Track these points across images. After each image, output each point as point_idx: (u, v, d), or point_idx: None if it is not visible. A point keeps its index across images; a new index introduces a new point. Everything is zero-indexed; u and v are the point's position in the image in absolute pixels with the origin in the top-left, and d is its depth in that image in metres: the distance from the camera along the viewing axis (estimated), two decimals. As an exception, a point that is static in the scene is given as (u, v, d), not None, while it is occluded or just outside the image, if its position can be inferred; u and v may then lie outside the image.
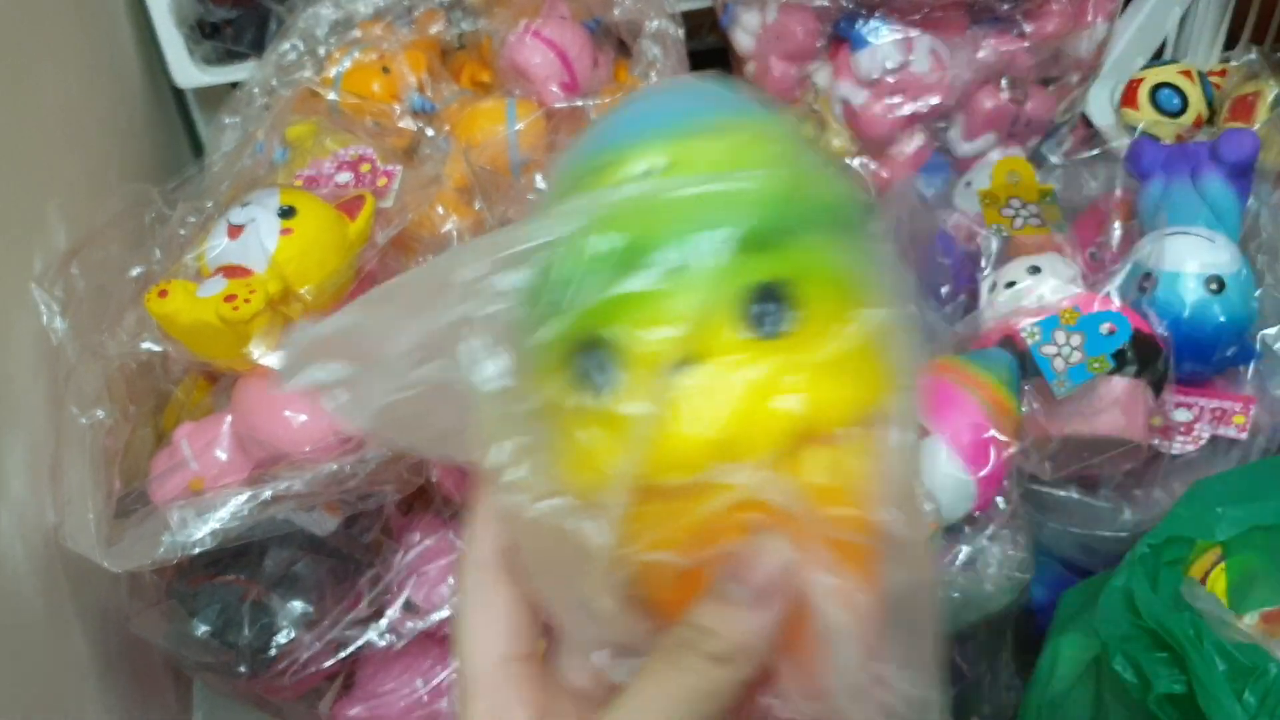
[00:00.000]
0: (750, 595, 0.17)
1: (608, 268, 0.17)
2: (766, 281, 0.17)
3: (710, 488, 0.17)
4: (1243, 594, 0.34)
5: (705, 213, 0.17)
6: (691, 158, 0.18)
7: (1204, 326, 0.41)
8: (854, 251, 0.19)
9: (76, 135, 0.49)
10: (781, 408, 0.17)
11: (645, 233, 0.17)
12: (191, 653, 0.39)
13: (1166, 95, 0.57)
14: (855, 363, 0.18)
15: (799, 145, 0.19)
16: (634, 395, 0.17)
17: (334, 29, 0.55)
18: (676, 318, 0.17)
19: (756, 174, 0.18)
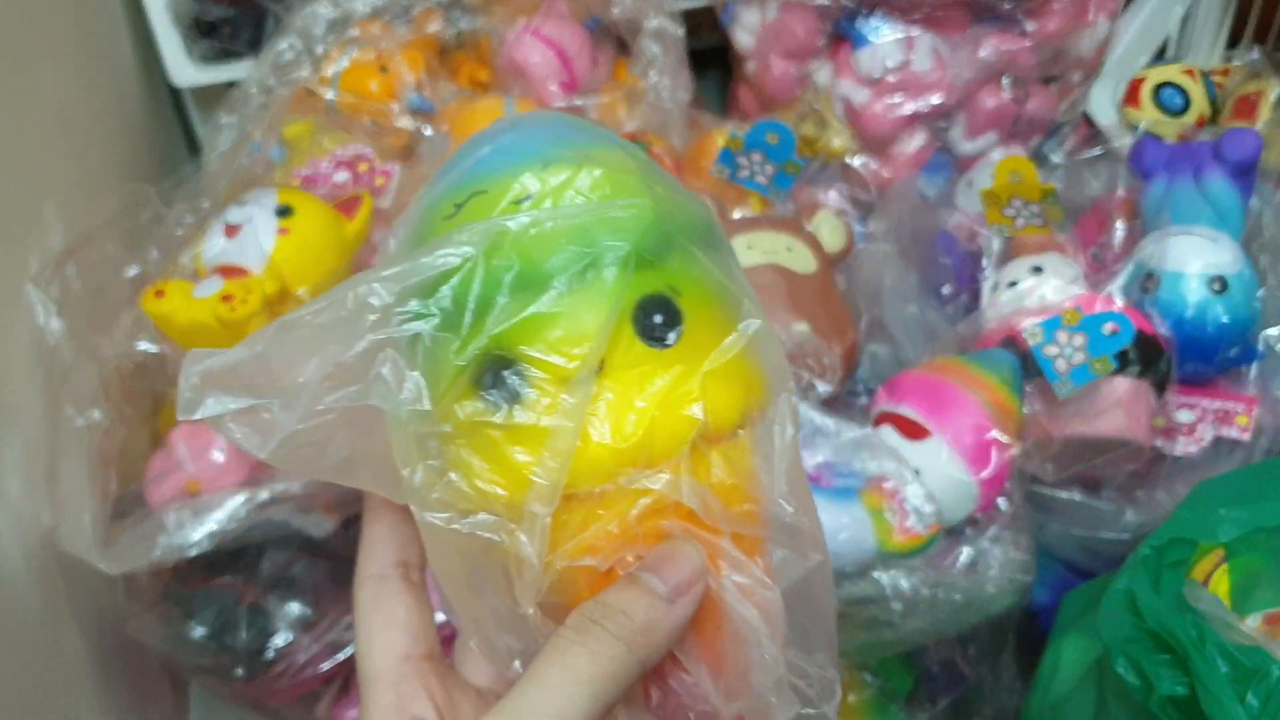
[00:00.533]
0: (665, 589, 0.19)
1: (510, 291, 0.19)
2: (654, 295, 0.19)
3: (626, 493, 0.19)
4: (1245, 596, 0.34)
5: (592, 236, 0.19)
6: (561, 184, 0.20)
7: (1207, 327, 0.41)
8: (717, 265, 0.20)
9: (73, 134, 0.49)
10: (686, 414, 0.19)
11: (539, 256, 0.19)
12: (188, 655, 0.39)
13: (1169, 94, 0.57)
14: (739, 368, 0.19)
15: (653, 170, 0.21)
16: (548, 409, 0.18)
17: (331, 28, 0.55)
18: (579, 334, 0.18)
19: (634, 200, 0.19)
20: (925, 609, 0.36)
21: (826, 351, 0.41)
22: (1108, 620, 0.32)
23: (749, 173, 0.48)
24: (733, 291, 0.20)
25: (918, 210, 0.51)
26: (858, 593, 0.36)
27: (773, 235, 0.45)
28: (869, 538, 0.35)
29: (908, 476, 0.36)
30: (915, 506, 0.36)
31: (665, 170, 0.22)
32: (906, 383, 0.40)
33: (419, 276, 0.19)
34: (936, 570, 0.37)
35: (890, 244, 0.49)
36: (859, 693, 0.41)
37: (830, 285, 0.45)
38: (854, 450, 0.37)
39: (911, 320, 0.46)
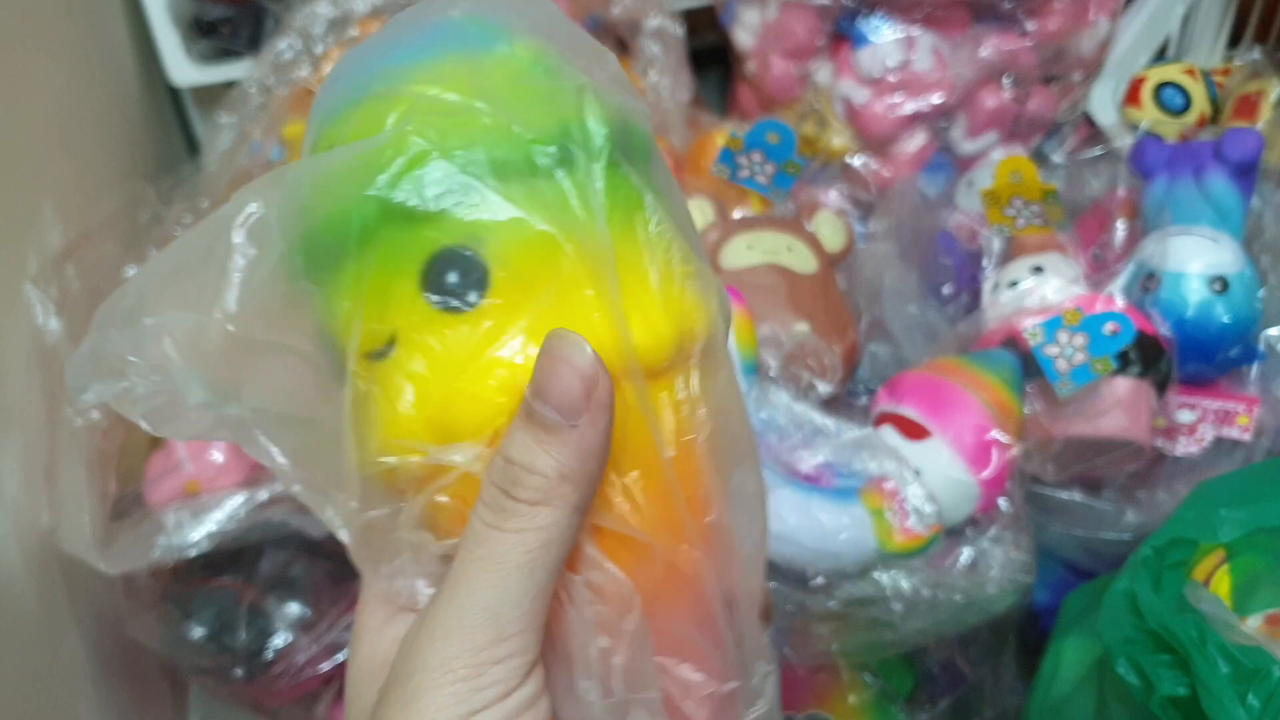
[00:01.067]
0: (560, 418, 0.16)
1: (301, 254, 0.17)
2: (448, 247, 0.17)
3: (434, 469, 0.17)
4: (1246, 596, 0.34)
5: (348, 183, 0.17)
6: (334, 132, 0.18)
7: (1208, 327, 0.41)
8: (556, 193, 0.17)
9: (71, 134, 0.49)
10: (494, 381, 0.16)
11: (321, 213, 0.17)
12: (187, 656, 0.39)
13: (1170, 94, 0.57)
14: (557, 324, 0.17)
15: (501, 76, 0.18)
16: (351, 386, 0.17)
17: (331, 27, 0.55)
18: (360, 302, 0.17)
19: (396, 138, 0.17)
20: (926, 609, 0.36)
21: (827, 351, 0.41)
22: (1108, 621, 0.32)
23: (749, 172, 0.48)
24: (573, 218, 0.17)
25: (918, 210, 0.51)
26: (858, 593, 0.36)
27: (773, 235, 0.45)
28: (869, 538, 0.35)
29: (908, 477, 0.36)
30: (916, 507, 0.36)
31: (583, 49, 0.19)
32: (907, 383, 0.40)
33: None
34: (937, 571, 0.37)
35: (891, 244, 0.49)
36: (860, 693, 0.41)
37: (830, 285, 0.45)
38: (854, 450, 0.37)
39: (912, 320, 0.46)
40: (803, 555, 0.35)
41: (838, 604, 0.36)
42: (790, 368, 0.41)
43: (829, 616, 0.37)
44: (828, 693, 0.41)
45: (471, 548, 0.16)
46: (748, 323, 0.39)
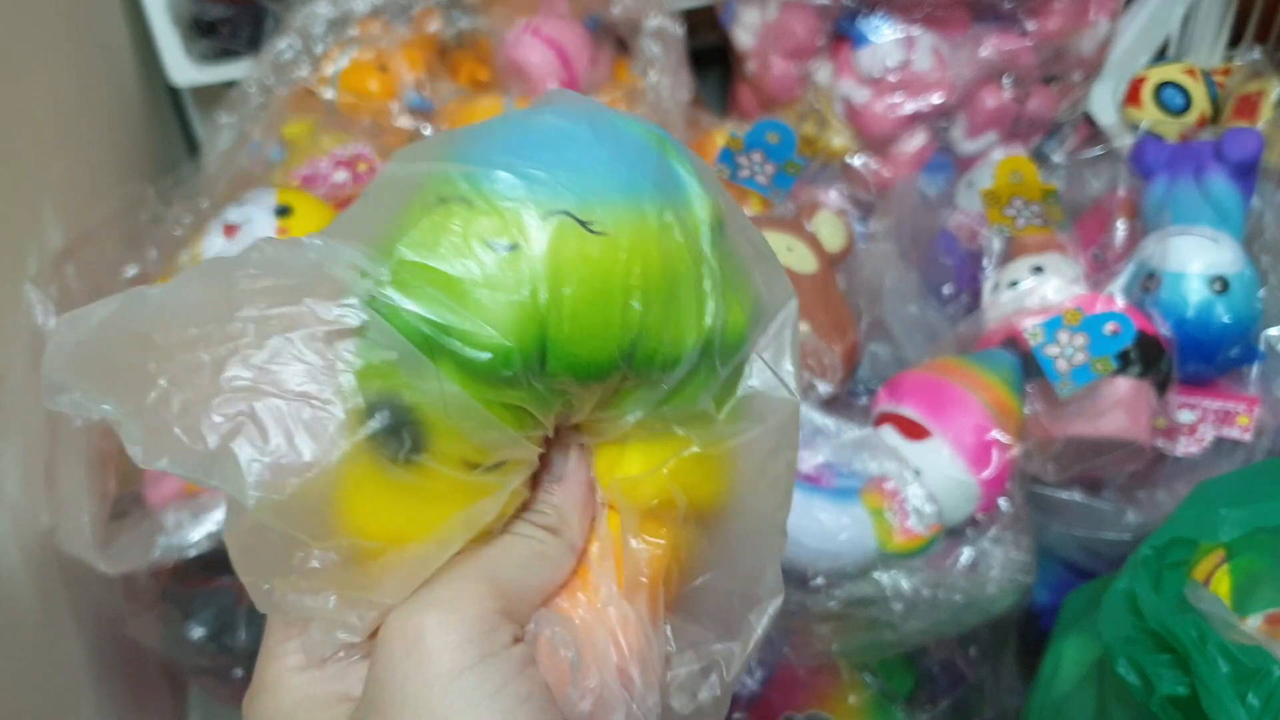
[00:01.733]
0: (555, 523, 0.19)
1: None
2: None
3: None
4: (1246, 596, 0.34)
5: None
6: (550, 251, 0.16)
7: (1208, 327, 0.41)
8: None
9: (71, 134, 0.49)
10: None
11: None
12: (187, 656, 0.39)
13: (1170, 94, 0.57)
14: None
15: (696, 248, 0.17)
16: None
17: (331, 27, 0.55)
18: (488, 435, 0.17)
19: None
20: (926, 609, 0.36)
21: (827, 351, 0.41)
22: (1108, 620, 0.32)
23: (749, 172, 0.48)
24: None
25: (918, 210, 0.51)
26: (858, 593, 0.36)
27: (773, 235, 0.45)
28: (869, 538, 0.35)
29: (908, 477, 0.36)
30: (916, 507, 0.36)
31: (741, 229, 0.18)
32: (907, 383, 0.40)
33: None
34: (937, 571, 0.37)
35: (891, 244, 0.49)
36: (859, 693, 0.41)
37: (831, 285, 0.45)
38: (854, 450, 0.37)
39: (912, 320, 0.46)
40: (803, 555, 0.35)
41: (838, 604, 0.36)
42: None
43: (829, 616, 0.37)
44: (828, 693, 0.41)
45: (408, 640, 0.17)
46: (748, 323, 0.39)
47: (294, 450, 0.16)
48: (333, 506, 0.16)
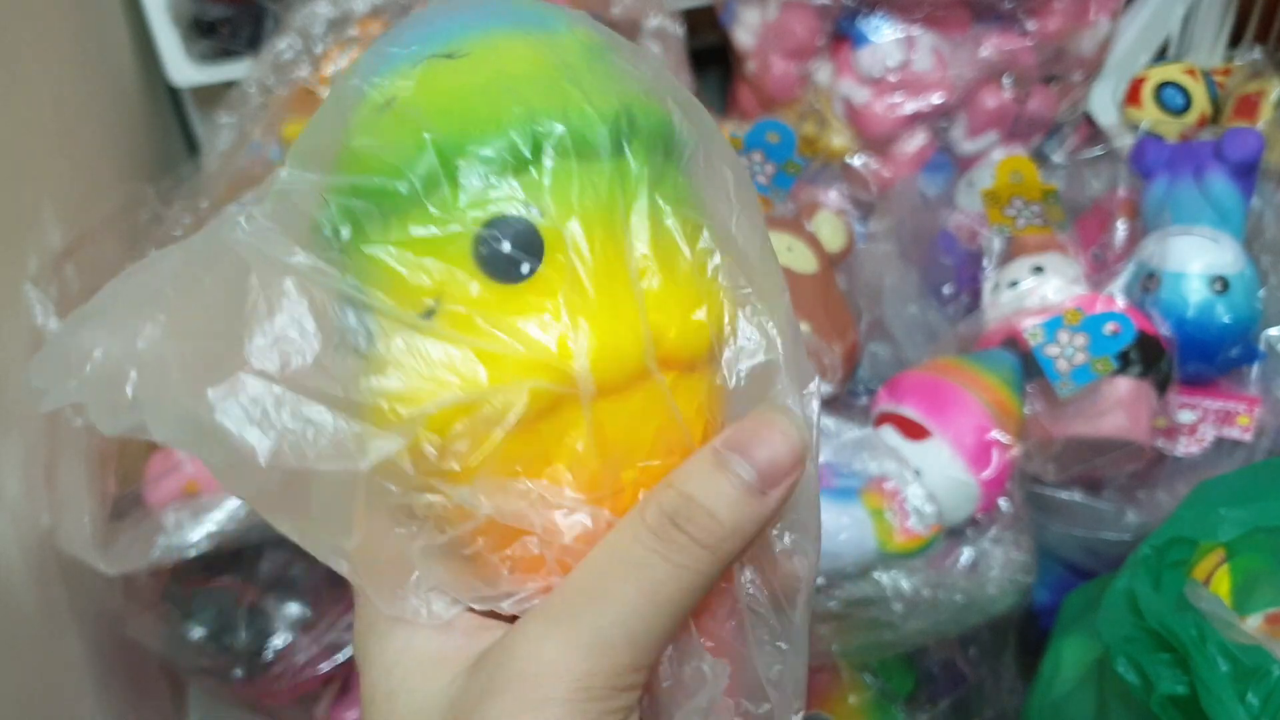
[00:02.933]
0: (755, 479, 0.16)
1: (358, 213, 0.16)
2: (504, 217, 0.16)
3: (459, 509, 0.16)
4: (1246, 595, 0.34)
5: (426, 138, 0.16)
6: (415, 90, 0.17)
7: (1208, 327, 0.41)
8: (659, 177, 0.17)
9: (71, 134, 0.49)
10: (520, 360, 0.16)
11: (375, 170, 0.16)
12: (187, 656, 0.39)
13: (1170, 94, 0.57)
14: (607, 306, 0.16)
15: (581, 52, 0.17)
16: (385, 346, 0.16)
17: (331, 27, 0.55)
18: (414, 269, 0.16)
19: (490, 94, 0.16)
20: (926, 610, 0.36)
21: (827, 351, 0.41)
22: (1108, 620, 0.32)
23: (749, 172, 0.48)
24: (666, 215, 0.17)
25: (918, 210, 0.51)
26: (858, 593, 0.36)
27: (773, 235, 0.45)
28: (870, 538, 0.35)
29: (908, 477, 0.36)
30: (916, 507, 0.36)
31: (634, 60, 0.18)
32: (907, 383, 0.40)
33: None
34: (937, 571, 0.37)
35: (891, 244, 0.49)
36: (860, 693, 0.41)
37: (831, 285, 0.45)
38: (854, 450, 0.37)
39: (912, 320, 0.46)
40: (803, 555, 0.35)
41: (838, 604, 0.36)
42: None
43: (829, 616, 0.37)
44: (828, 693, 0.41)
45: (627, 568, 0.16)
46: (748, 323, 0.39)
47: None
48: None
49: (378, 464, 0.16)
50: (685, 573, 0.16)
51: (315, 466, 0.16)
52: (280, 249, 0.16)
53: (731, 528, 0.16)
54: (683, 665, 0.17)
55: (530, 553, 0.17)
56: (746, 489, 0.16)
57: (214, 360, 0.16)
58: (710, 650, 0.17)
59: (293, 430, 0.16)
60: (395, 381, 0.16)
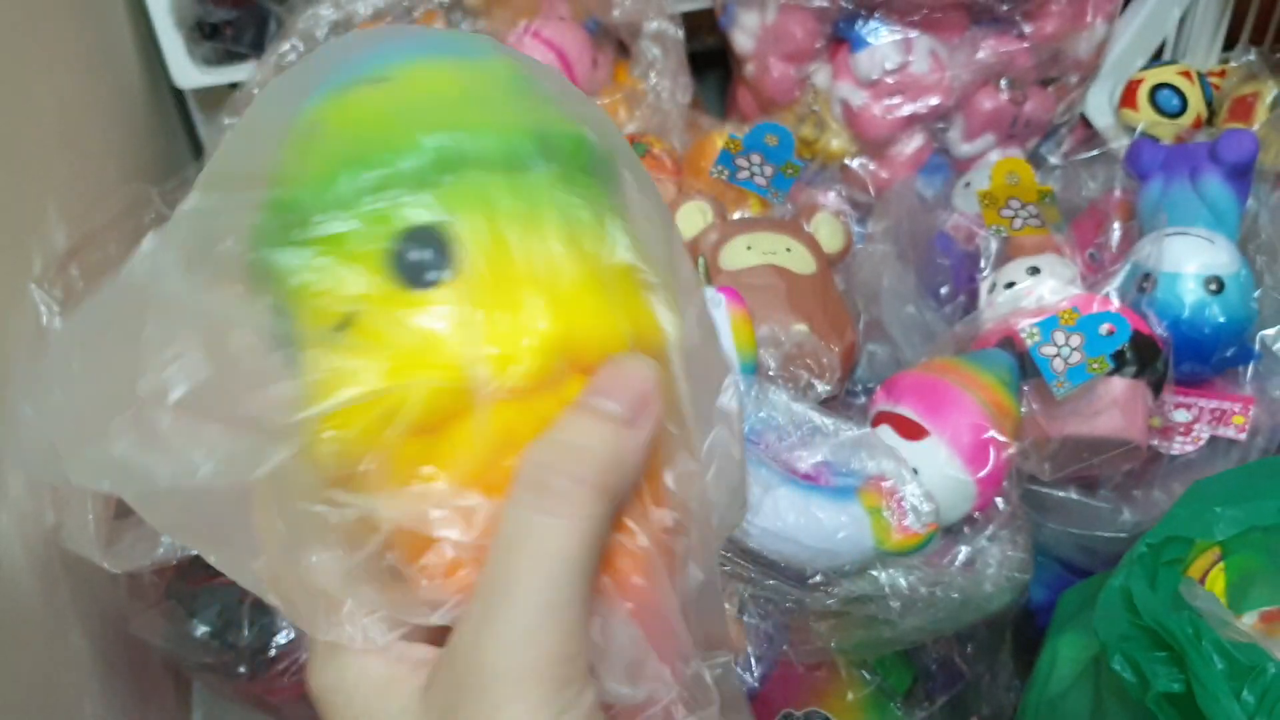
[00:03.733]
0: (621, 410, 0.16)
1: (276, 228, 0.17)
2: (414, 228, 0.17)
3: (366, 522, 0.16)
4: (1241, 594, 0.34)
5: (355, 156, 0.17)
6: (344, 110, 0.18)
7: (1203, 327, 0.41)
8: (575, 193, 0.18)
9: (76, 136, 0.49)
10: (429, 366, 0.16)
11: (304, 183, 0.17)
12: (191, 653, 0.39)
13: (1166, 96, 0.57)
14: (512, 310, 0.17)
15: (500, 79, 0.18)
16: (305, 357, 0.16)
17: (334, 29, 0.55)
18: (328, 283, 0.16)
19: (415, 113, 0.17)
20: (923, 607, 0.37)
21: (825, 351, 0.41)
22: (1104, 618, 0.32)
23: (748, 174, 0.48)
24: (582, 223, 0.17)
25: (916, 211, 0.51)
26: (856, 591, 0.36)
27: (772, 236, 0.45)
28: (867, 536, 0.35)
29: (906, 476, 0.36)
30: (913, 505, 0.36)
31: (553, 84, 0.19)
32: (904, 383, 0.40)
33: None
34: (934, 569, 0.37)
35: (888, 245, 0.49)
36: (857, 690, 0.41)
37: (829, 286, 0.45)
38: (852, 450, 0.37)
39: (909, 320, 0.46)
40: (801, 553, 0.36)
41: (836, 602, 0.36)
42: (789, 368, 0.41)
43: (827, 614, 0.37)
44: (826, 690, 0.42)
45: (521, 541, 0.16)
46: (747, 323, 0.39)
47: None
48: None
49: (279, 475, 0.16)
50: (577, 521, 0.16)
51: (209, 484, 0.16)
52: (176, 280, 0.17)
53: (610, 459, 0.16)
54: (611, 625, 0.17)
55: (446, 558, 0.17)
56: (614, 420, 0.16)
57: (116, 398, 0.17)
58: (632, 610, 0.17)
59: (187, 451, 0.16)
60: (289, 392, 0.16)
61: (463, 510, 0.16)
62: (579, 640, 0.16)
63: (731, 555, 0.36)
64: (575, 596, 0.15)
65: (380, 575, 0.17)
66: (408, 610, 0.17)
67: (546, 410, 0.17)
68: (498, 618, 0.15)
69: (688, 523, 0.18)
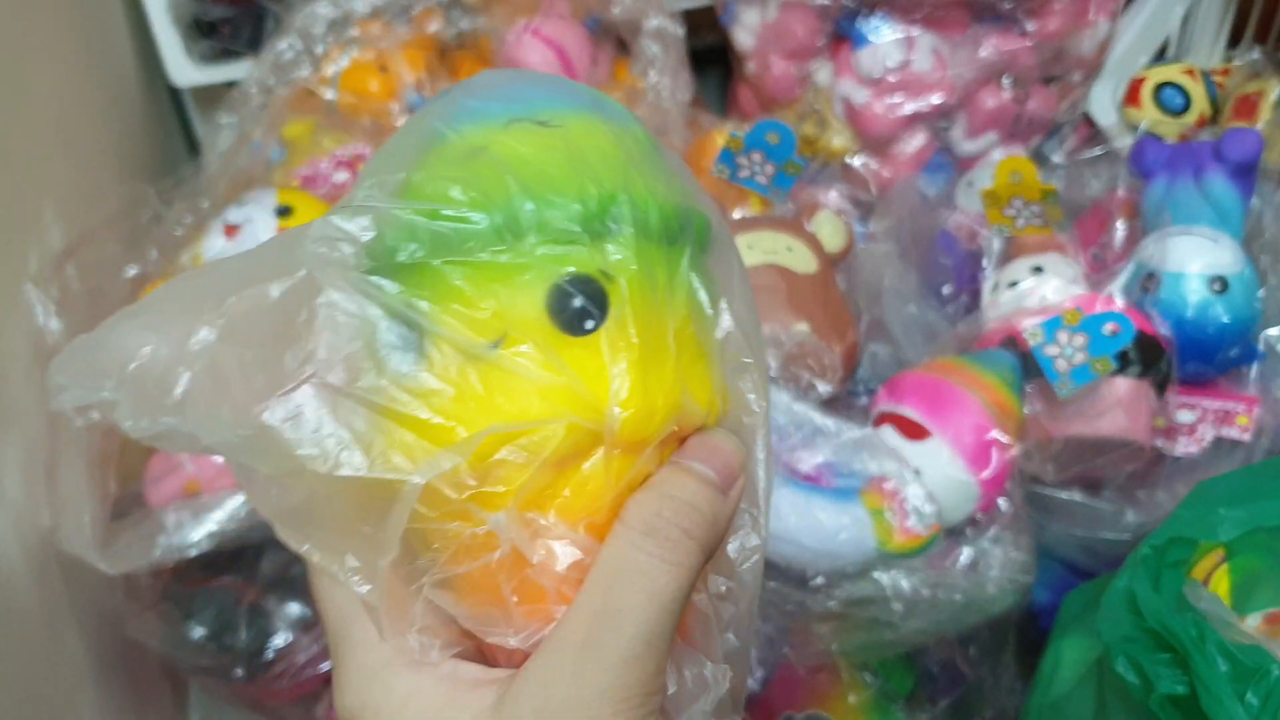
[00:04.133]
0: (717, 478, 0.18)
1: (431, 243, 0.17)
2: (581, 275, 0.18)
3: (483, 538, 0.17)
4: (1245, 595, 0.34)
5: (523, 200, 0.18)
6: (515, 146, 0.18)
7: (1207, 327, 0.41)
8: (694, 269, 0.19)
9: (72, 134, 0.49)
10: (552, 411, 0.17)
11: (466, 212, 0.18)
12: (187, 656, 0.39)
13: (1169, 94, 0.57)
14: (675, 372, 0.18)
15: (647, 154, 0.20)
16: (441, 376, 0.17)
17: (331, 27, 0.55)
18: (486, 301, 0.17)
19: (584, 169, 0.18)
20: (926, 609, 0.37)
21: (827, 351, 0.41)
22: (1108, 619, 0.32)
23: (749, 172, 0.48)
24: (702, 301, 0.19)
25: (918, 210, 0.51)
26: (858, 593, 0.36)
27: (773, 235, 0.45)
28: (869, 538, 0.35)
29: (908, 477, 0.36)
30: (916, 506, 0.36)
31: (675, 161, 0.21)
32: (907, 383, 0.40)
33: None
34: (937, 570, 0.37)
35: (890, 244, 0.49)
36: (859, 692, 0.41)
37: (830, 285, 0.45)
38: (854, 450, 0.37)
39: (912, 320, 0.46)
40: (803, 555, 0.35)
41: (838, 604, 0.36)
42: (790, 368, 0.41)
43: (829, 616, 0.37)
44: (828, 692, 0.42)
45: (630, 579, 0.17)
46: (748, 323, 0.39)
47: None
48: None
49: (429, 481, 0.17)
50: (680, 569, 0.17)
51: (372, 474, 0.17)
52: (349, 268, 0.17)
53: (710, 518, 0.18)
54: (683, 669, 0.18)
55: (533, 585, 0.18)
56: (713, 485, 0.18)
57: (273, 370, 0.17)
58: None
59: (352, 441, 0.17)
60: (455, 403, 0.17)
61: (565, 544, 0.18)
62: (664, 676, 0.17)
63: (732, 557, 0.36)
64: (668, 634, 0.17)
65: (467, 592, 0.18)
66: (492, 628, 0.18)
67: (648, 467, 0.18)
68: (606, 641, 0.16)
69: (739, 592, 0.20)
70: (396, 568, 0.17)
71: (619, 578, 0.17)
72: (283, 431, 0.17)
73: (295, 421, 0.17)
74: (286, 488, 0.17)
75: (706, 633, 0.19)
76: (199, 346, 0.17)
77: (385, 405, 0.17)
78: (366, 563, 0.18)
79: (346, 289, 0.17)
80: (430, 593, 0.18)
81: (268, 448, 0.17)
